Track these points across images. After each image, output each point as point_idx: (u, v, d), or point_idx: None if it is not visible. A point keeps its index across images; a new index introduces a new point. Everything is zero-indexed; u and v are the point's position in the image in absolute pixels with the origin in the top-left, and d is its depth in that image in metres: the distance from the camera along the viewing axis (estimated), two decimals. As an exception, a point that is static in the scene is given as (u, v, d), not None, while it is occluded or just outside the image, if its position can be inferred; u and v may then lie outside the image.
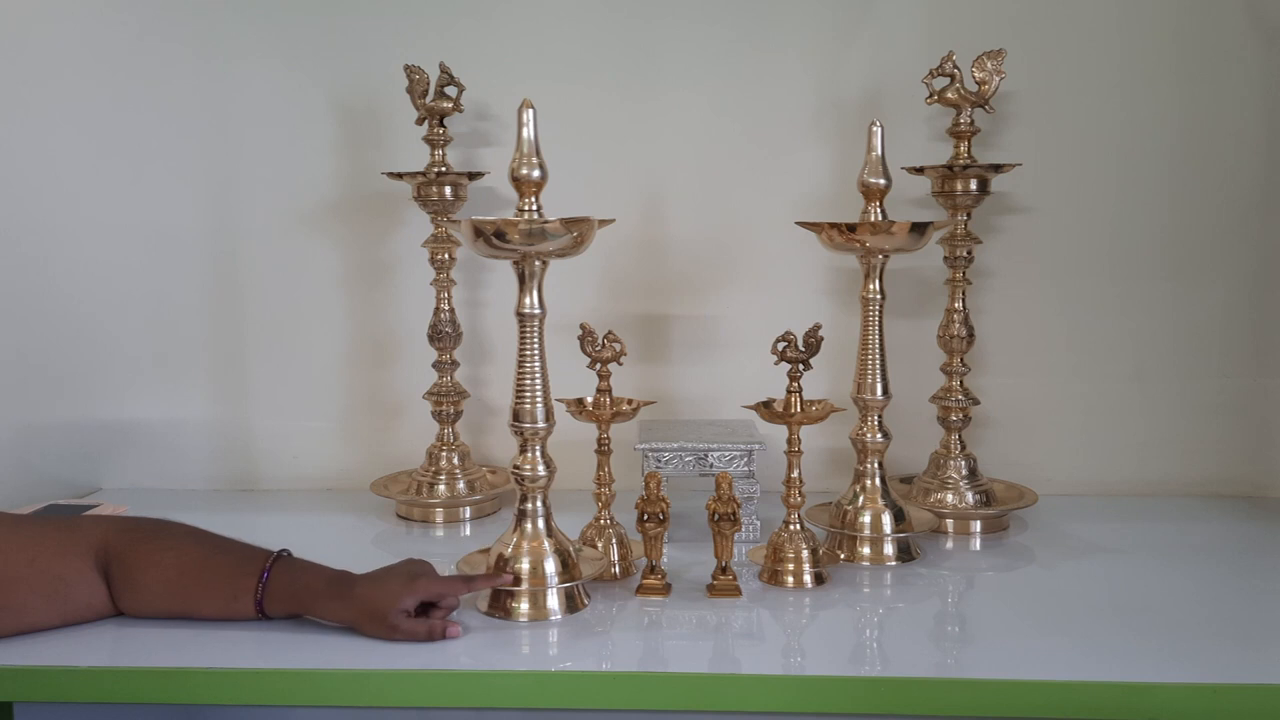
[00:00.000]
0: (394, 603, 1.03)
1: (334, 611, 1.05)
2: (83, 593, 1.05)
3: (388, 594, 1.04)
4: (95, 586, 1.05)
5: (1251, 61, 1.48)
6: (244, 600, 1.05)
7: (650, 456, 1.35)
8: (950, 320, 1.42)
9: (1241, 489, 1.55)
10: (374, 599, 1.03)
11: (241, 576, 1.06)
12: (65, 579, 1.04)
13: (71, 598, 1.04)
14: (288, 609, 1.06)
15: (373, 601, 1.03)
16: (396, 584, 1.05)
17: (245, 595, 1.05)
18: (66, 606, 1.05)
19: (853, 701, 0.98)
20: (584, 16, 1.53)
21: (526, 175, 1.10)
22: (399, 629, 1.02)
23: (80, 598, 1.05)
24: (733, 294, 1.56)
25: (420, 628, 1.03)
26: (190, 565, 1.06)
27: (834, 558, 1.28)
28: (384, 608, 1.02)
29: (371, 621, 1.03)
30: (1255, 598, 1.19)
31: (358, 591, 1.04)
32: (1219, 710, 0.95)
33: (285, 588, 1.05)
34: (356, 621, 1.04)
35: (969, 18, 1.48)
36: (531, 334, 1.12)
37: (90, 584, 1.05)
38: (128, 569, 1.06)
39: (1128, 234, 1.53)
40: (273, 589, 1.05)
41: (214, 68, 1.54)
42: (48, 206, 1.55)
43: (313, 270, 1.58)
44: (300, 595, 1.05)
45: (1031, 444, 1.55)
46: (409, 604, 1.03)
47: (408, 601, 1.03)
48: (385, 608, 1.02)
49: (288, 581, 1.06)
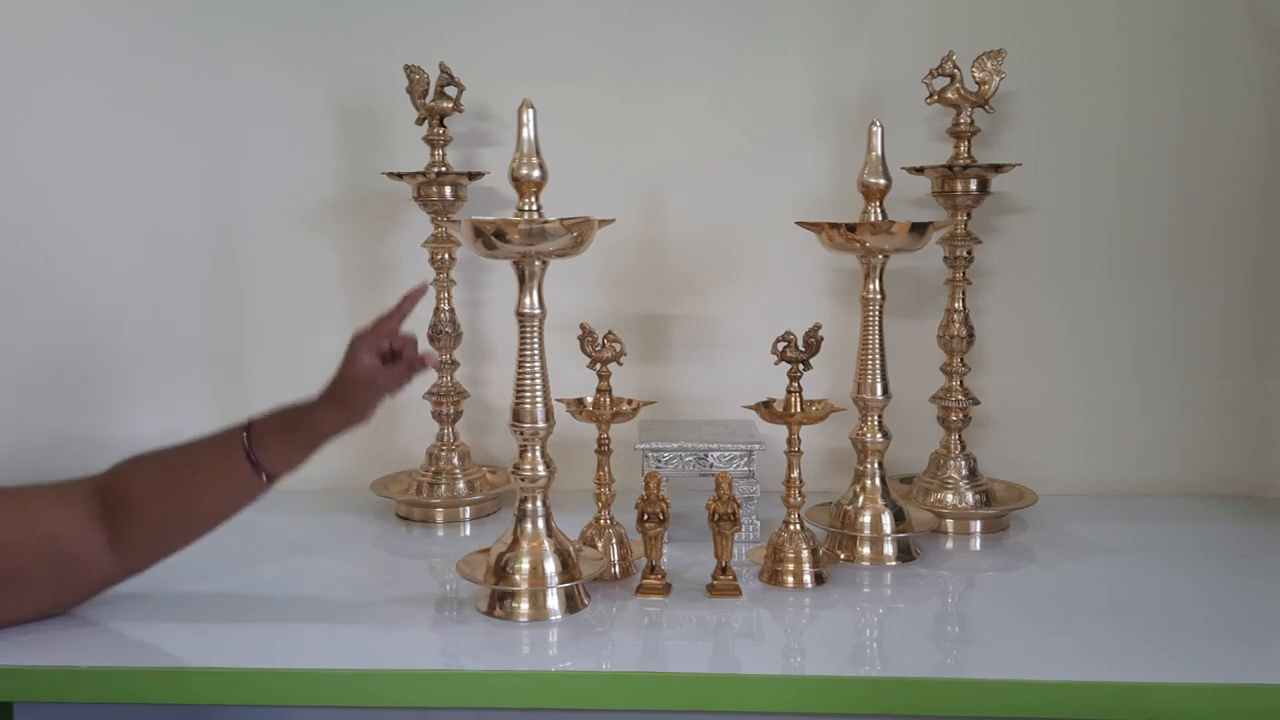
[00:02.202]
0: (355, 365, 1.06)
1: (324, 418, 1.07)
2: (82, 548, 1.02)
3: (351, 365, 1.07)
4: (93, 539, 1.03)
5: (1251, 61, 1.48)
6: (235, 457, 1.04)
7: (650, 456, 1.35)
8: (950, 320, 1.42)
9: (1241, 489, 1.55)
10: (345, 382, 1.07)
11: (224, 436, 1.06)
12: (58, 535, 1.01)
13: (69, 554, 1.02)
14: (282, 443, 1.06)
15: (346, 383, 1.06)
16: (348, 361, 1.07)
17: (234, 451, 1.04)
18: (64, 567, 1.02)
19: (853, 701, 0.98)
20: (584, 16, 1.53)
21: (526, 175, 1.10)
22: (378, 382, 1.06)
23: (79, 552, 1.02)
24: (733, 294, 1.56)
25: (401, 370, 1.07)
26: (172, 457, 1.07)
27: (834, 558, 1.28)
28: (356, 376, 1.06)
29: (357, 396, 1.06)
30: (1255, 598, 1.19)
31: (335, 388, 1.07)
32: (1219, 710, 0.95)
33: (270, 424, 1.06)
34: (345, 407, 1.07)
35: (969, 18, 1.48)
36: (531, 334, 1.12)
37: (89, 538, 1.03)
38: (121, 496, 1.04)
39: (1128, 234, 1.53)
40: (258, 430, 1.05)
41: (214, 68, 1.54)
42: (48, 206, 1.54)
43: (313, 270, 1.58)
44: (287, 421, 1.06)
45: (1031, 444, 1.55)
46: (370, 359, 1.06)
47: (366, 358, 1.06)
48: (356, 375, 1.06)
49: (269, 419, 1.06)
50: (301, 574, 1.25)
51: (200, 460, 1.06)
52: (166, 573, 1.24)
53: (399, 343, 1.09)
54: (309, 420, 1.07)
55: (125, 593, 1.17)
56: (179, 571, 1.25)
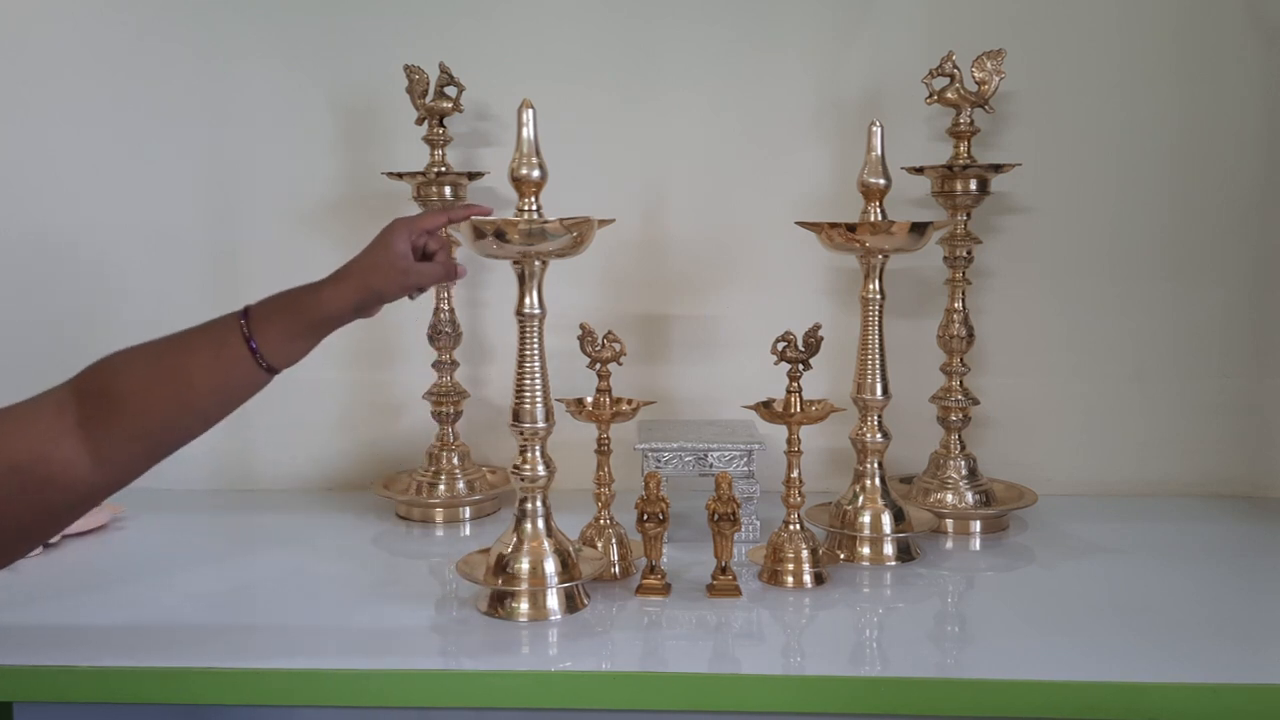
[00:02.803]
0: (389, 249, 0.98)
1: (335, 295, 0.96)
2: (56, 468, 0.86)
3: (379, 245, 0.99)
4: (70, 452, 0.87)
5: (1251, 61, 1.48)
6: (233, 343, 0.92)
7: (650, 456, 1.35)
8: (950, 320, 1.42)
9: (1241, 489, 1.55)
10: (367, 257, 0.98)
11: (219, 324, 0.94)
12: (20, 461, 0.85)
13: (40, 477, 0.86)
14: (283, 330, 0.94)
15: (367, 259, 0.98)
16: (380, 237, 1.00)
17: (231, 336, 0.92)
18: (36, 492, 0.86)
19: (853, 701, 0.98)
20: (584, 16, 1.53)
21: (526, 175, 1.10)
22: (411, 271, 0.99)
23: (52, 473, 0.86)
24: (733, 294, 1.56)
25: (436, 269, 1.01)
26: (162, 346, 0.93)
27: (834, 558, 1.28)
28: (383, 258, 0.98)
29: (378, 273, 0.97)
30: (1255, 598, 1.19)
31: (349, 265, 0.99)
32: (1219, 710, 0.95)
33: (268, 310, 0.94)
34: (369, 286, 0.97)
35: (969, 18, 1.49)
36: (531, 334, 1.12)
37: (64, 452, 0.87)
38: (103, 395, 0.89)
39: (1128, 234, 1.53)
40: (256, 318, 0.93)
41: (214, 68, 1.54)
42: (48, 206, 1.55)
43: (313, 270, 1.54)
44: (287, 305, 0.95)
45: (1031, 444, 1.55)
46: (405, 247, 0.99)
47: (400, 244, 0.98)
48: (384, 257, 0.98)
49: (267, 305, 0.95)
50: (301, 574, 1.25)
51: (193, 351, 0.92)
52: (166, 572, 1.24)
53: (435, 243, 1.03)
54: (313, 300, 0.95)
55: (125, 592, 1.18)
56: (179, 571, 1.25)
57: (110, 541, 1.35)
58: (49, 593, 1.16)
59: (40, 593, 1.16)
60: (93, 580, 1.21)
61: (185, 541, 1.37)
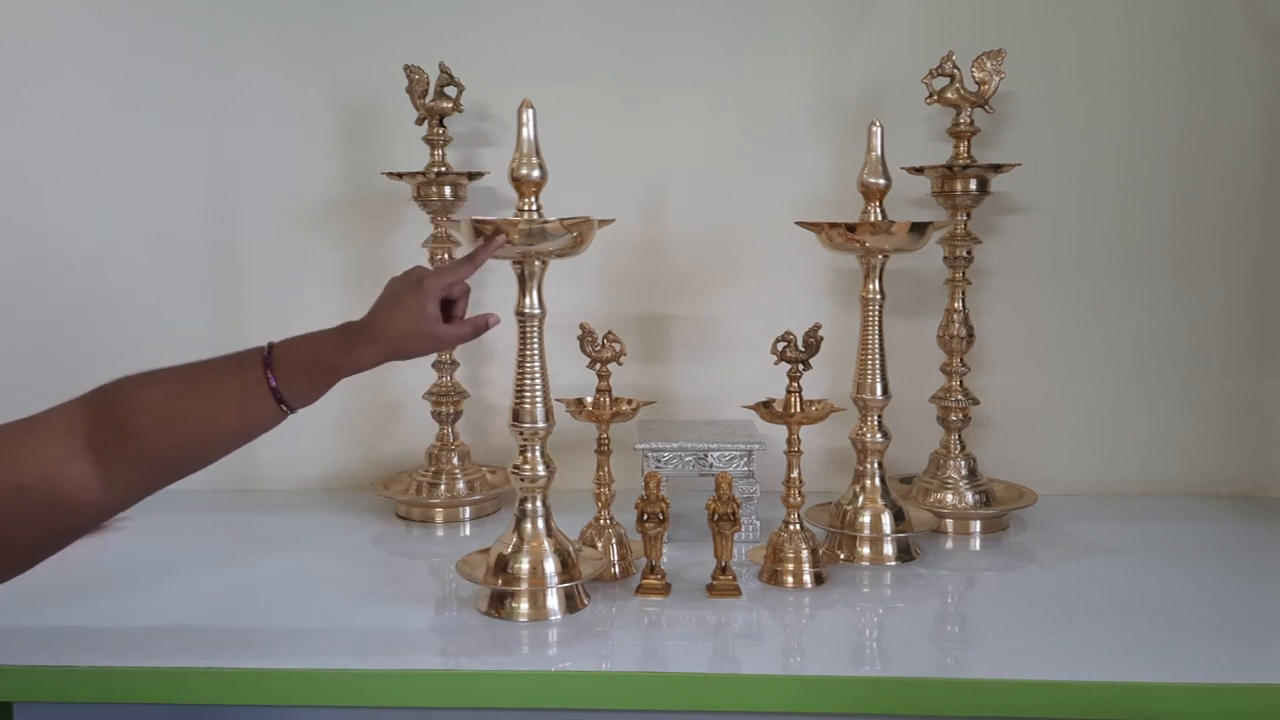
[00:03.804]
0: (423, 314, 0.98)
1: (365, 356, 0.97)
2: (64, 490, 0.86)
3: (412, 310, 0.98)
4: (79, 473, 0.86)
5: (1251, 61, 1.48)
6: (258, 394, 0.92)
7: (650, 456, 1.35)
8: (950, 320, 1.42)
9: (1241, 489, 1.55)
10: (401, 322, 0.98)
11: (243, 369, 0.93)
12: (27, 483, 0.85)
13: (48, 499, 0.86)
14: (308, 383, 0.95)
15: (401, 324, 0.98)
16: (412, 298, 0.99)
17: (256, 387, 0.92)
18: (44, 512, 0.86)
19: (853, 701, 0.98)
20: (584, 16, 1.53)
21: (526, 175, 1.10)
22: (444, 338, 1.00)
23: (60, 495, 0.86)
24: (733, 294, 1.56)
25: (465, 329, 1.01)
26: (182, 385, 0.93)
27: (834, 558, 1.28)
28: (416, 324, 0.98)
29: (412, 340, 0.98)
30: (1255, 598, 1.19)
31: (378, 325, 0.98)
32: (1219, 710, 0.95)
33: (295, 363, 0.94)
34: (395, 351, 0.98)
35: (969, 18, 1.49)
36: (531, 334, 1.12)
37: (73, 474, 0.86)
38: (119, 424, 0.89)
39: (1128, 234, 1.53)
40: (282, 369, 0.93)
41: (214, 68, 1.54)
42: (48, 206, 1.55)
43: (313, 270, 1.58)
44: (315, 361, 0.95)
45: (1031, 444, 1.55)
46: (437, 308, 0.99)
47: (432, 308, 0.99)
48: (417, 324, 0.98)
49: (293, 357, 0.95)
50: (301, 574, 1.25)
51: (215, 397, 0.92)
52: (167, 572, 1.24)
53: (459, 290, 1.03)
54: (345, 360, 0.97)
55: (125, 592, 1.18)
56: (179, 571, 1.25)
57: (111, 542, 1.35)
58: (49, 593, 1.16)
59: (41, 593, 1.16)
60: (93, 580, 1.21)
61: (185, 542, 1.37)
